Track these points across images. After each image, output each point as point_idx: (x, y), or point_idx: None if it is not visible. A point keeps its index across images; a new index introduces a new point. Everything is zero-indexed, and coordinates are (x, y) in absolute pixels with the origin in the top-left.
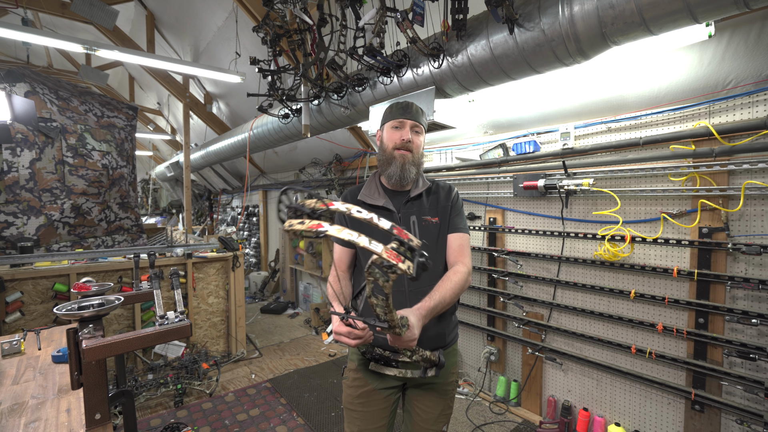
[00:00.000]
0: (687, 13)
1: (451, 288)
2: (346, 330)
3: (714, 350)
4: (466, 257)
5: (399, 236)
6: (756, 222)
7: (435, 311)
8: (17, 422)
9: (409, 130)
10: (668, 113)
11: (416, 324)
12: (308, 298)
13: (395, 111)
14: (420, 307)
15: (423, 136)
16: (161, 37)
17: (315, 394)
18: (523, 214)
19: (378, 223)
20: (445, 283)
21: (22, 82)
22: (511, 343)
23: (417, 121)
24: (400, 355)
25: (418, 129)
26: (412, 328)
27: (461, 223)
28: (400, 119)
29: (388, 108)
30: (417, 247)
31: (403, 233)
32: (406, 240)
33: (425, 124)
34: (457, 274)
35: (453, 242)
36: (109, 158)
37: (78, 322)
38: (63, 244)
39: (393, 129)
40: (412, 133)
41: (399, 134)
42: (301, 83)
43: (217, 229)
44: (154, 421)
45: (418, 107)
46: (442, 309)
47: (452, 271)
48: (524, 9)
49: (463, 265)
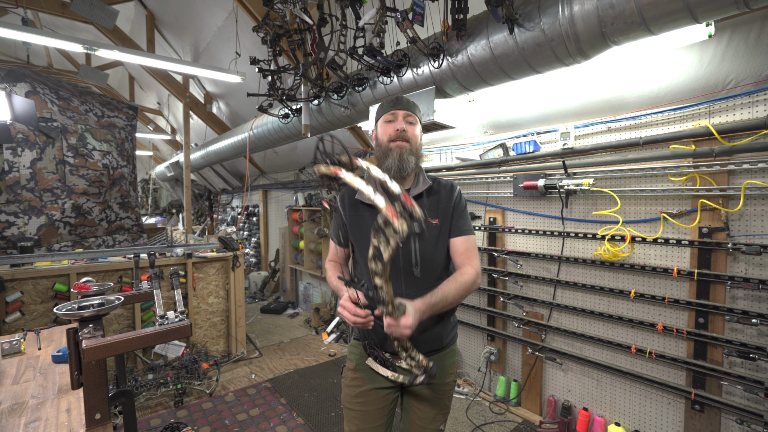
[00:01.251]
0: (687, 13)
1: (456, 288)
2: (352, 307)
3: (714, 350)
4: (473, 259)
5: (404, 201)
6: (756, 222)
7: (436, 308)
8: (17, 422)
9: (402, 120)
10: (668, 113)
11: (412, 313)
12: (308, 298)
13: (386, 105)
14: (420, 301)
15: (418, 127)
16: (161, 37)
17: (315, 394)
18: (523, 214)
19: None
20: (450, 283)
21: (22, 82)
22: (511, 342)
23: (409, 110)
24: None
25: (411, 119)
26: (407, 315)
27: (465, 225)
28: (392, 111)
29: (379, 106)
30: (417, 216)
31: (409, 200)
32: (409, 206)
33: (419, 115)
34: (464, 275)
35: (459, 246)
36: (109, 158)
37: (78, 322)
38: (64, 244)
39: (386, 123)
40: (406, 123)
41: (392, 126)
42: (301, 83)
43: (217, 229)
44: (154, 421)
45: (409, 99)
46: (444, 307)
47: (459, 272)
48: (524, 9)
49: (470, 266)
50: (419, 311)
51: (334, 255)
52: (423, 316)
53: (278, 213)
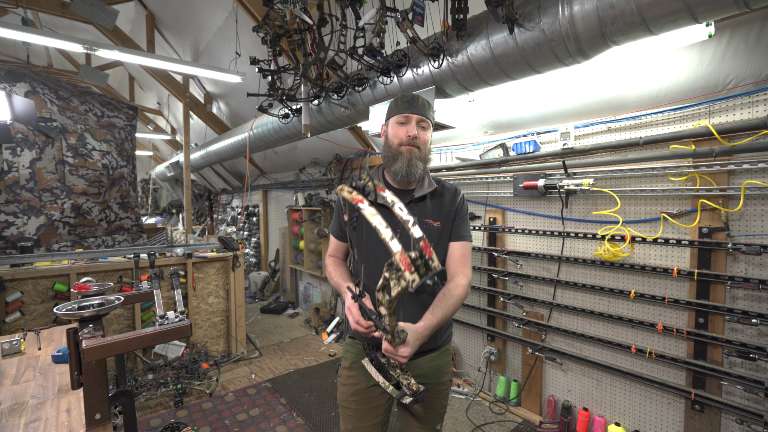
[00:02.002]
0: (687, 13)
1: (453, 304)
2: (357, 314)
3: (714, 350)
4: (467, 268)
5: (423, 249)
6: (756, 222)
7: (436, 329)
8: (17, 422)
9: (415, 126)
10: (668, 113)
11: (412, 343)
12: (308, 298)
13: (400, 105)
14: (423, 326)
15: (430, 132)
16: (161, 37)
17: (315, 394)
18: (523, 214)
19: (411, 229)
20: (447, 299)
21: (22, 82)
22: (511, 343)
23: (423, 115)
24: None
25: (424, 124)
26: (407, 345)
27: (465, 231)
28: (406, 114)
29: (393, 101)
30: (434, 269)
31: (429, 250)
32: (427, 257)
33: (432, 118)
34: (458, 288)
35: (455, 251)
36: (109, 158)
37: (78, 322)
38: (63, 244)
39: (398, 125)
40: (419, 129)
41: (405, 130)
42: (301, 83)
43: (217, 229)
44: (154, 421)
45: (425, 100)
46: (442, 324)
47: (453, 284)
48: (524, 9)
49: (464, 276)
50: (420, 338)
51: (335, 250)
52: (424, 340)
53: (278, 213)
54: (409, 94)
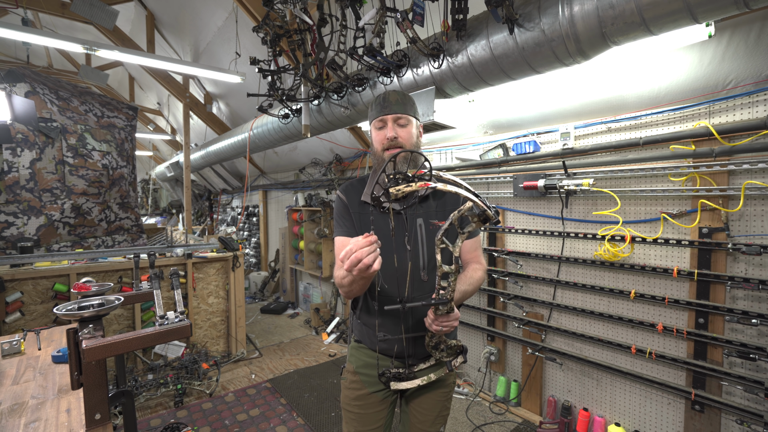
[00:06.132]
0: (687, 13)
1: (471, 284)
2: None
3: (714, 350)
4: (480, 257)
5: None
6: (756, 222)
7: (457, 303)
8: (17, 422)
9: (392, 126)
10: (668, 113)
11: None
12: (308, 298)
13: (374, 109)
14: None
15: (413, 125)
16: (161, 37)
17: (315, 394)
18: (523, 214)
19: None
20: (466, 278)
21: (22, 82)
22: (511, 343)
23: (398, 112)
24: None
25: (402, 120)
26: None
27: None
28: (380, 117)
29: (369, 108)
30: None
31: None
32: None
33: (412, 111)
34: (477, 272)
35: (468, 245)
36: (109, 158)
37: (78, 322)
38: (63, 244)
39: (377, 130)
40: (397, 127)
41: (383, 134)
42: (301, 83)
43: (217, 229)
44: (154, 421)
45: (399, 95)
46: (461, 301)
47: (471, 268)
48: (524, 9)
49: (478, 263)
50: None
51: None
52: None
53: (278, 213)
54: (381, 95)
